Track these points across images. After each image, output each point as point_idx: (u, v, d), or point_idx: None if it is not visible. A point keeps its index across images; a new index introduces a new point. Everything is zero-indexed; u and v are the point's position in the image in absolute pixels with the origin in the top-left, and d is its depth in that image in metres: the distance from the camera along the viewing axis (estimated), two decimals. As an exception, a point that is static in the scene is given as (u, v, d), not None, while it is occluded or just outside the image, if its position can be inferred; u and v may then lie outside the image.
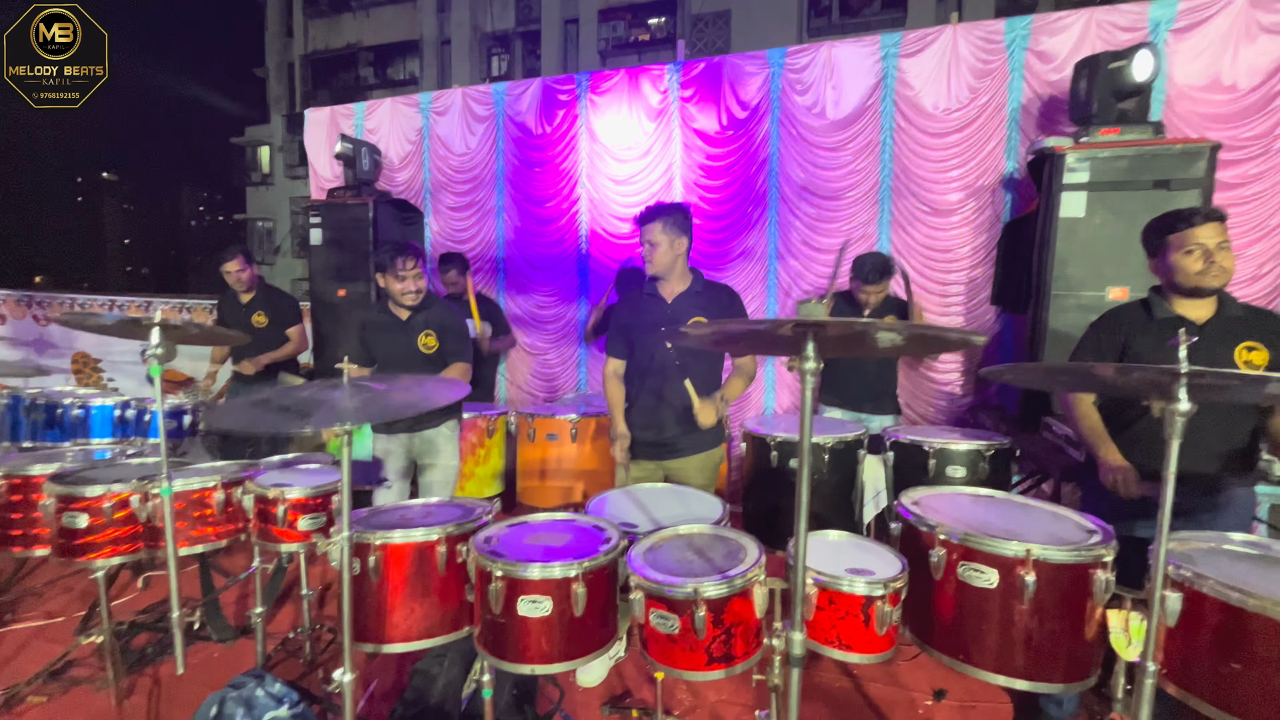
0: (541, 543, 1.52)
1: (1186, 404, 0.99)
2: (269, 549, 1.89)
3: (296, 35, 21.92)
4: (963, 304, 3.88)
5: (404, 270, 2.61)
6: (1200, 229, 1.87)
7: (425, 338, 2.68)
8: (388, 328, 2.71)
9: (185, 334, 1.60)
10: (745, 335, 1.13)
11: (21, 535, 2.04)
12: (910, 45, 3.85)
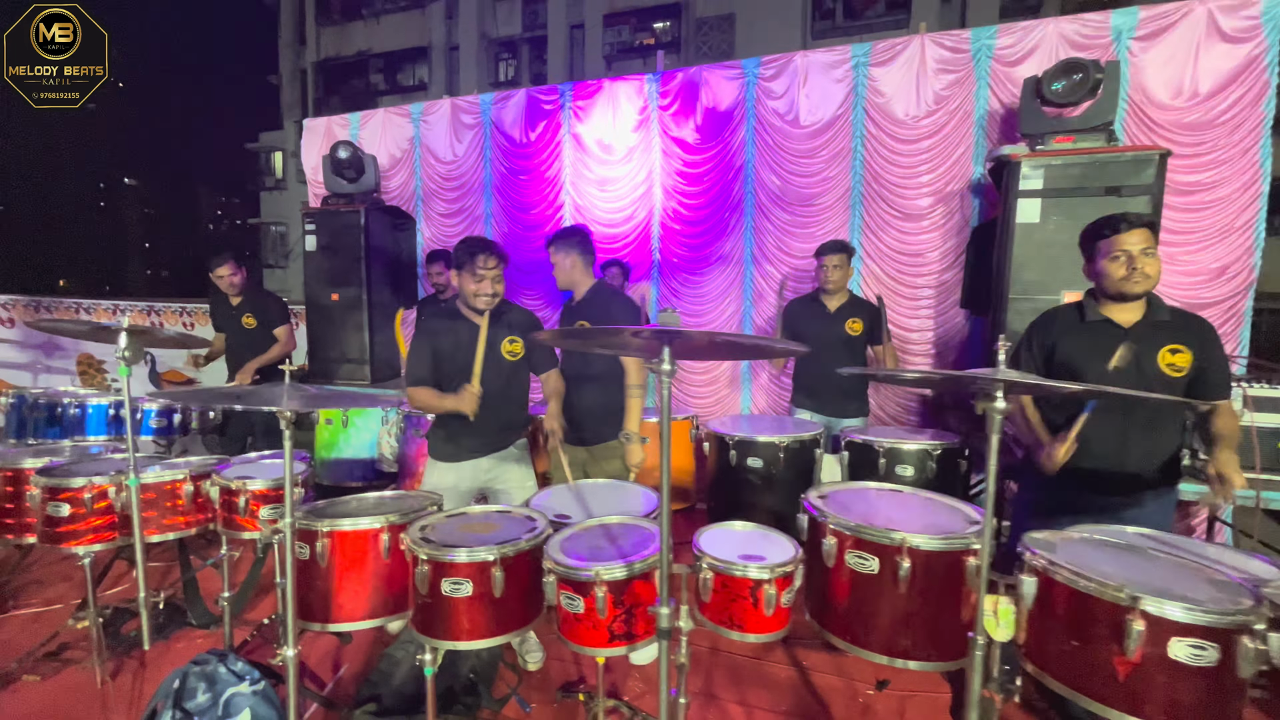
0: (473, 531, 1.65)
1: (1003, 404, 1.09)
2: (234, 537, 2.04)
3: (309, 43, 22.33)
4: (933, 307, 3.96)
5: (484, 269, 2.30)
6: (1126, 235, 1.93)
7: (510, 344, 2.42)
8: (466, 334, 2.37)
9: (153, 338, 1.75)
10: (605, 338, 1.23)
11: (14, 524, 2.21)
12: (880, 54, 3.94)
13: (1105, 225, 1.99)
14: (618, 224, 4.78)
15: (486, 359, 2.29)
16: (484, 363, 2.27)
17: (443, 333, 2.38)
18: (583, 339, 1.11)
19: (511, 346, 2.42)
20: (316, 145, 5.59)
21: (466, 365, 2.29)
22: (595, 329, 0.88)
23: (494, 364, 2.36)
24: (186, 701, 1.70)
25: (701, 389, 4.55)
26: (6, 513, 2.21)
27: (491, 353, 2.35)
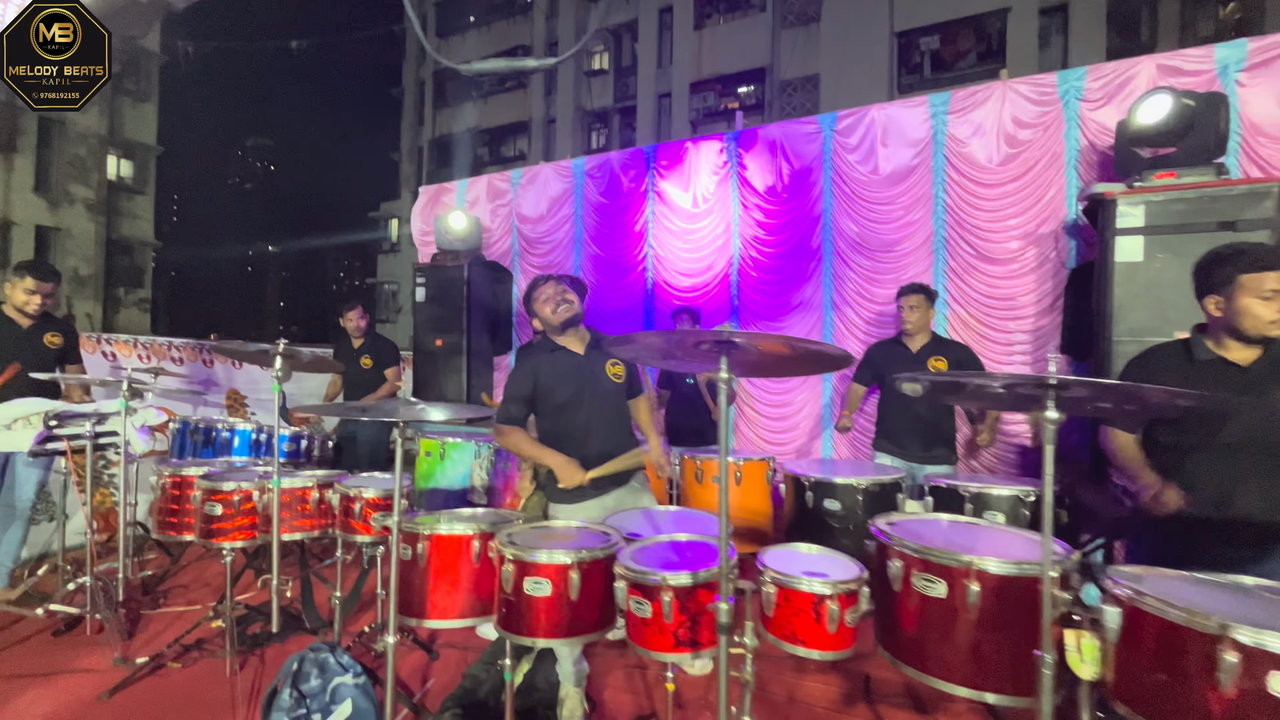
0: (553, 539, 1.79)
1: (1055, 414, 1.10)
2: (348, 540, 2.30)
3: (426, 123, 25.12)
4: (1029, 353, 3.79)
5: (543, 296, 2.31)
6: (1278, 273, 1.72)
7: (613, 366, 2.36)
8: (567, 363, 2.32)
9: (299, 361, 2.09)
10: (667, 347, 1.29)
11: (177, 522, 2.61)
12: (960, 103, 3.98)
13: (1254, 260, 1.75)
14: (697, 273, 4.98)
15: (596, 385, 2.27)
16: (591, 389, 2.27)
17: (543, 366, 2.33)
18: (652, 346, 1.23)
19: (615, 369, 2.36)
20: (428, 207, 6.30)
21: (575, 395, 2.27)
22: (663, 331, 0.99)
23: (602, 390, 2.31)
24: (302, 684, 1.91)
25: (780, 434, 4.54)
26: (172, 512, 2.62)
27: (598, 379, 2.31)
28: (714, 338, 1.12)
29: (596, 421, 2.29)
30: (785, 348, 1.21)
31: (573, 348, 2.36)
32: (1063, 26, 15.50)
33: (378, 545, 2.47)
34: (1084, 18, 15.19)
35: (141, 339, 4.73)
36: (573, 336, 2.37)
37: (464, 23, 24.38)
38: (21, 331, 3.30)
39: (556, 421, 2.30)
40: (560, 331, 2.35)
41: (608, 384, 2.34)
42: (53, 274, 3.38)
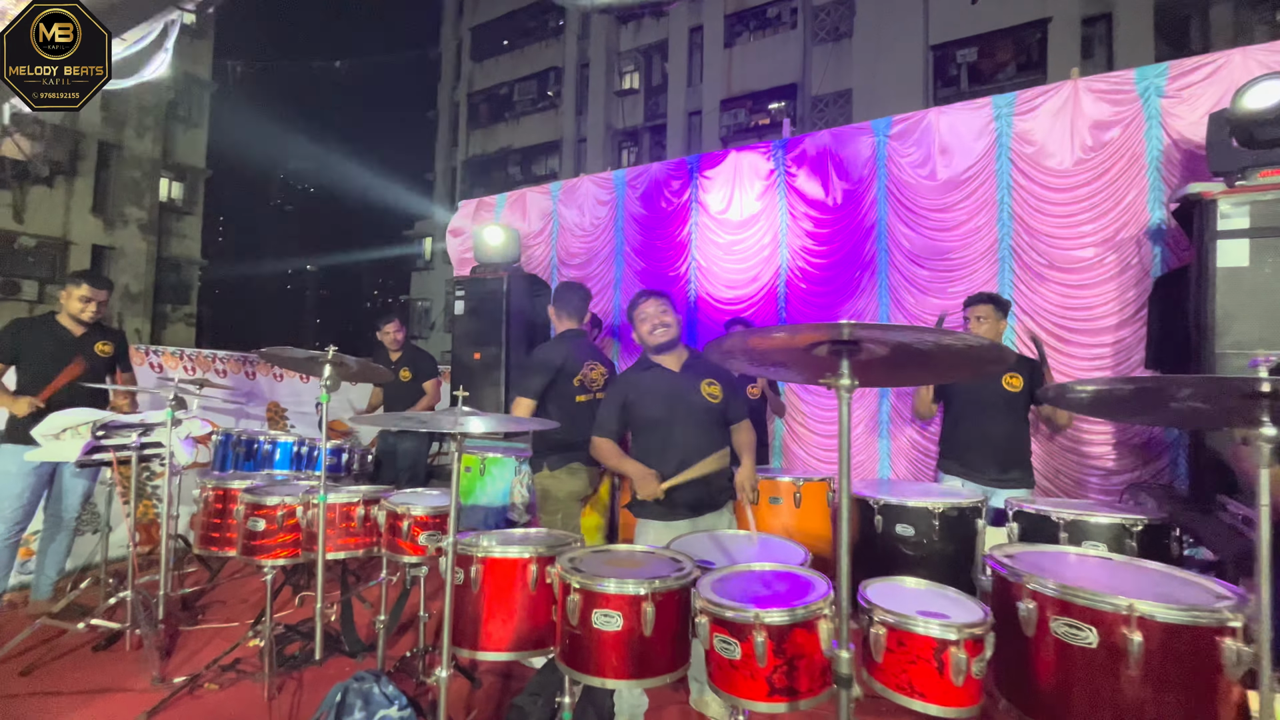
0: (620, 566, 1.62)
1: (1274, 430, 0.90)
2: (395, 560, 2.17)
3: (460, 143, 25.66)
4: (1110, 369, 3.51)
5: (642, 315, 2.32)
6: None
7: (709, 386, 2.31)
8: (659, 381, 2.31)
9: (347, 370, 1.99)
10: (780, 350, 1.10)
11: (219, 537, 2.53)
12: (1026, 104, 3.77)
13: None
14: (743, 284, 4.81)
15: (688, 404, 2.25)
16: (683, 408, 2.25)
17: (636, 382, 2.34)
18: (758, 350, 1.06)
19: (710, 389, 2.31)
20: (467, 221, 6.28)
21: (666, 413, 2.25)
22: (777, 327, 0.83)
23: (694, 410, 2.26)
24: (345, 716, 1.77)
25: (832, 451, 4.30)
26: (214, 526, 2.53)
27: (691, 398, 2.27)
28: (832, 336, 0.95)
29: (686, 441, 2.23)
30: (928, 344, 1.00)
31: (668, 365, 2.37)
32: (1107, 36, 15.08)
33: (422, 566, 2.34)
34: (1130, 26, 14.76)
35: (188, 351, 4.76)
36: (669, 354, 2.37)
37: (498, 46, 24.97)
38: (74, 339, 3.31)
39: (647, 438, 2.31)
40: (655, 351, 2.37)
41: (700, 403, 2.30)
42: (106, 283, 3.42)
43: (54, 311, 3.38)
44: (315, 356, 1.86)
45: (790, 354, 1.06)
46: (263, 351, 1.88)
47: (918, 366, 1.12)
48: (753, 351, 1.10)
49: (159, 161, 17.76)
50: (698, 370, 2.36)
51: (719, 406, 2.33)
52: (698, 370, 2.36)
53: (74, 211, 16.03)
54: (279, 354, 1.93)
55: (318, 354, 1.84)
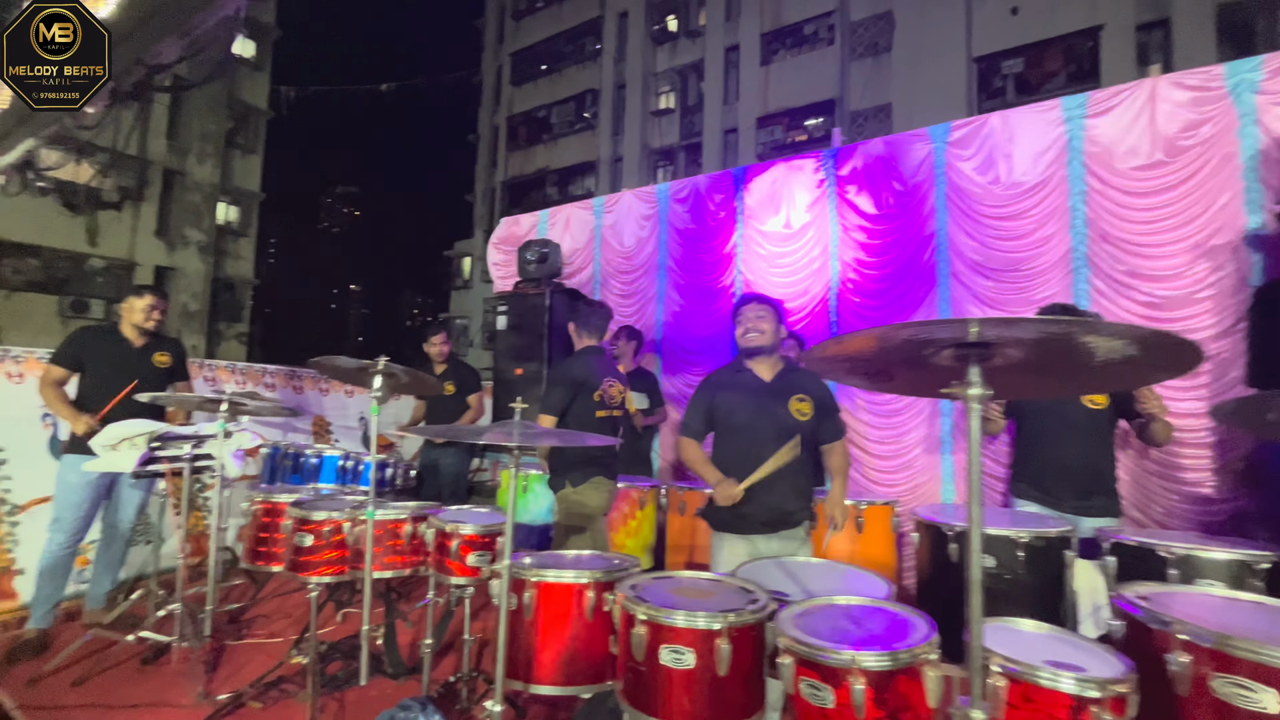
0: (685, 596, 1.49)
1: None
2: (443, 581, 2.08)
3: (499, 165, 26.26)
4: (1207, 386, 3.21)
5: (740, 316, 2.27)
6: None
7: (799, 403, 2.21)
8: (747, 387, 2.23)
9: (398, 381, 1.93)
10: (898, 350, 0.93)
11: (266, 552, 2.49)
12: (1099, 104, 3.55)
13: None
14: (791, 298, 4.65)
15: (773, 417, 2.15)
16: (768, 420, 2.15)
17: (724, 384, 2.30)
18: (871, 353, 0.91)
19: (800, 405, 2.20)
20: (508, 238, 6.30)
21: (749, 422, 2.17)
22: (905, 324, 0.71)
23: (779, 424, 2.15)
24: (391, 748, 1.67)
25: (893, 474, 4.07)
26: (262, 540, 2.50)
27: (777, 411, 2.16)
28: (957, 337, 0.81)
29: (763, 455, 2.11)
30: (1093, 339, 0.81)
31: (759, 372, 2.30)
32: (1164, 42, 14.50)
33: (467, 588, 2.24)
34: (1189, 31, 14.16)
35: (239, 365, 4.86)
36: (763, 362, 2.30)
37: (536, 71, 25.58)
38: (134, 350, 3.38)
39: (728, 445, 2.24)
40: (747, 355, 2.32)
41: (786, 420, 2.19)
42: (165, 293, 3.53)
43: (116, 322, 3.47)
44: (366, 367, 1.80)
45: (899, 362, 0.92)
46: (313, 361, 1.84)
47: (1062, 373, 0.96)
48: (855, 360, 0.96)
49: (217, 186, 18.67)
50: (790, 384, 2.25)
51: (807, 425, 2.20)
52: (790, 384, 2.25)
53: (140, 234, 16.94)
54: (329, 364, 1.88)
55: (368, 364, 1.79)
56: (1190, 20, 14.10)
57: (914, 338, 0.83)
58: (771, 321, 2.26)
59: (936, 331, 0.83)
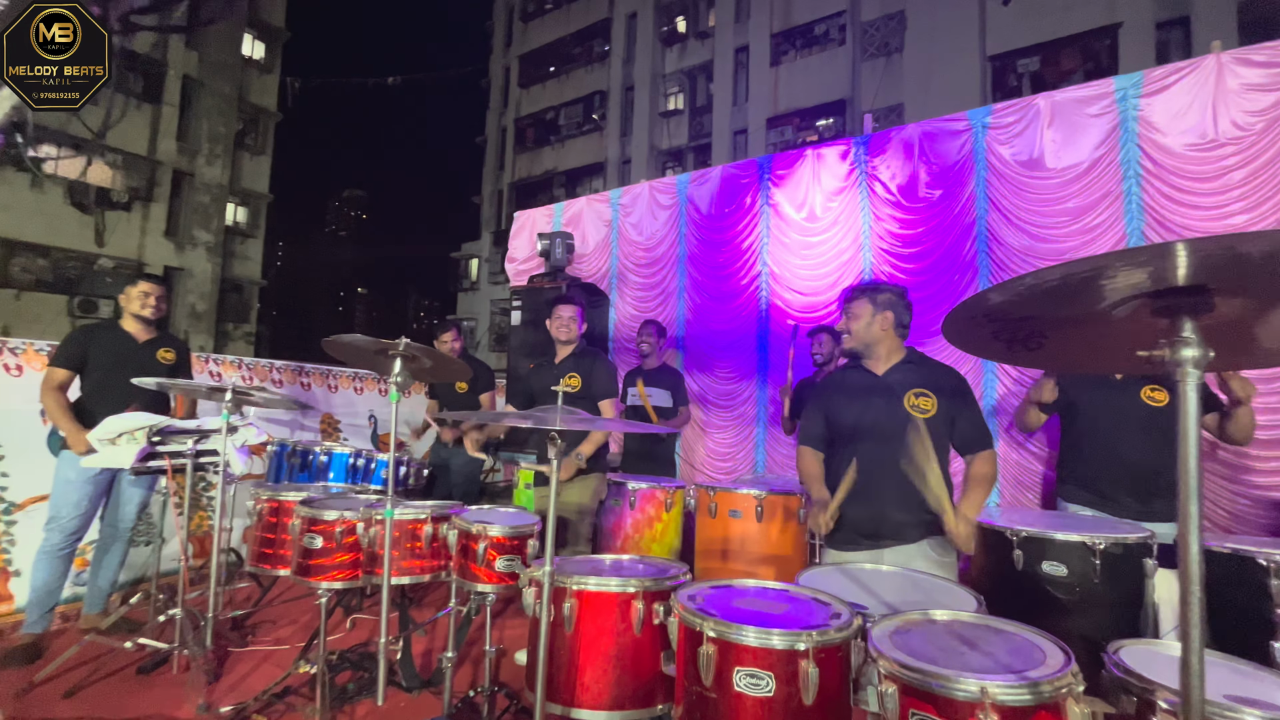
0: (754, 608, 1.29)
1: None
2: (467, 587, 1.88)
3: (506, 167, 26.19)
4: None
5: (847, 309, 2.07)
6: None
7: (917, 398, 2.00)
8: (856, 384, 2.04)
9: (419, 366, 1.74)
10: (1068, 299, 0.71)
11: (272, 554, 2.30)
12: (1156, 82, 3.35)
13: None
14: (819, 291, 4.46)
15: (886, 415, 1.90)
16: (879, 419, 1.91)
17: (833, 383, 2.11)
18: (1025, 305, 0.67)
19: (919, 401, 1.91)
20: (524, 232, 6.14)
21: (856, 422, 1.93)
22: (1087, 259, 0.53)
23: (893, 422, 1.88)
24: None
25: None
26: (268, 542, 2.31)
27: (892, 408, 1.90)
28: (1157, 273, 0.61)
29: (872, 461, 1.86)
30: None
31: (871, 366, 2.03)
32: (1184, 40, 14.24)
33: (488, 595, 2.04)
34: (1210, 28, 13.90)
35: (246, 360, 4.69)
36: (876, 355, 2.03)
37: (545, 73, 25.55)
38: (136, 346, 3.22)
39: (833, 454, 2.00)
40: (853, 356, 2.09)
41: (902, 417, 1.89)
42: (162, 280, 3.38)
43: (118, 316, 3.31)
44: (385, 348, 1.61)
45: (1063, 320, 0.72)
46: (328, 341, 1.66)
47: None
48: (1002, 319, 0.76)
49: (226, 187, 18.64)
50: (908, 376, 1.96)
51: (928, 423, 1.86)
52: (908, 376, 1.96)
53: (149, 235, 16.90)
54: (345, 344, 1.69)
55: (387, 344, 1.60)
56: (1211, 16, 13.87)
57: (1098, 276, 0.63)
58: (865, 317, 1.99)
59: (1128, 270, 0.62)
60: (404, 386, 1.62)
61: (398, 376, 1.61)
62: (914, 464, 1.64)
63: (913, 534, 1.90)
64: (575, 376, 3.00)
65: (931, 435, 1.84)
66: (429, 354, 1.68)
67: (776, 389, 4.32)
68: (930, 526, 1.91)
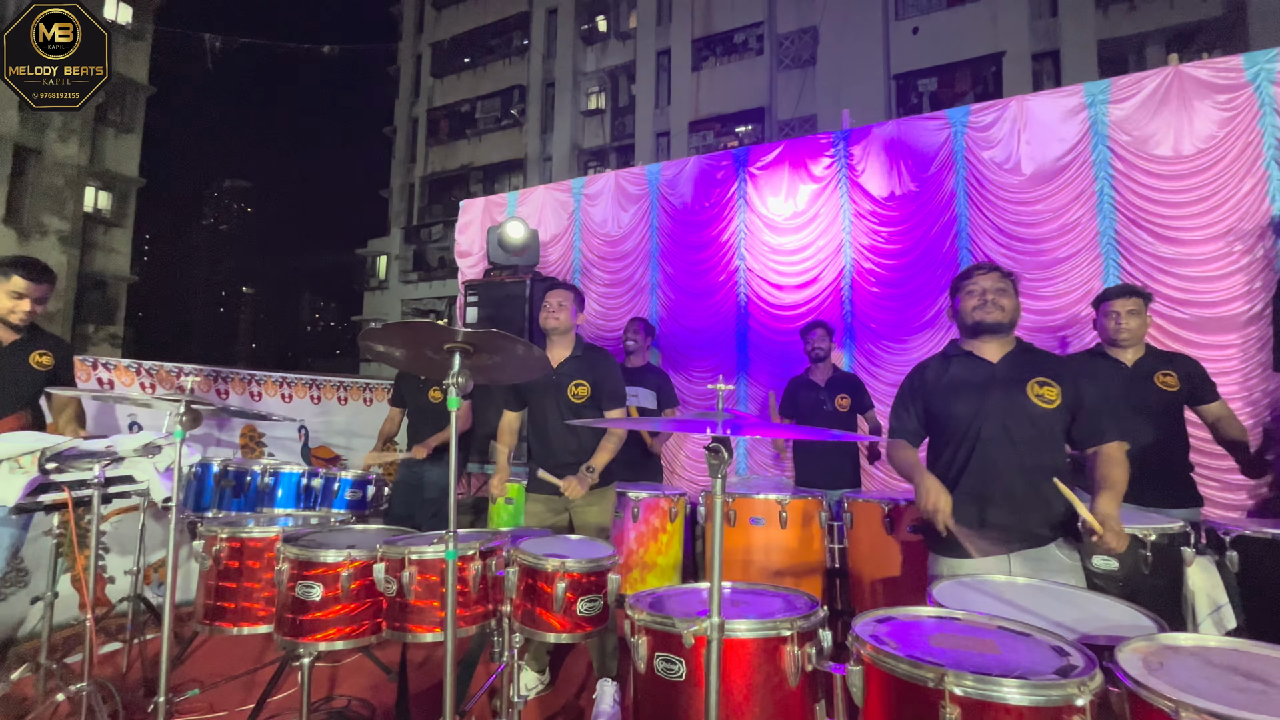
0: (963, 648, 1.06)
1: None
2: (536, 638, 1.50)
3: (418, 160, 24.78)
4: (1239, 370, 3.21)
5: (967, 288, 1.85)
6: None
7: (1040, 387, 1.77)
8: (968, 373, 1.84)
9: (484, 362, 1.35)
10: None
11: (233, 609, 1.79)
12: (1123, 90, 3.53)
13: None
14: (799, 287, 4.38)
15: (1006, 406, 1.71)
16: (997, 410, 1.71)
17: (937, 372, 1.87)
18: None
19: (1043, 390, 1.71)
20: (474, 223, 5.65)
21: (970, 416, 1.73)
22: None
23: (1015, 414, 1.71)
24: None
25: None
26: (225, 594, 1.79)
27: (1012, 399, 1.72)
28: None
29: (995, 458, 1.70)
30: None
31: (984, 354, 1.83)
32: (1054, 72, 15.95)
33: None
34: (1076, 62, 15.70)
35: (146, 364, 3.90)
36: (990, 341, 1.83)
37: (459, 63, 24.47)
38: (3, 349, 2.50)
39: (943, 449, 1.81)
40: (973, 334, 1.84)
41: (1027, 409, 1.72)
42: (46, 273, 2.58)
43: (-26, 309, 2.56)
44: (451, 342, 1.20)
45: None
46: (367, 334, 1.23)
47: None
48: None
49: (84, 168, 16.15)
50: (1027, 364, 1.79)
51: (1053, 414, 1.72)
52: (1027, 364, 1.79)
53: (-18, 219, 14.29)
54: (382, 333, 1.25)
55: (451, 333, 1.19)
56: (1076, 52, 15.65)
57: None
58: (1014, 296, 1.81)
59: None
60: (464, 390, 1.25)
61: (457, 376, 1.23)
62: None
63: (1045, 535, 1.75)
64: (583, 384, 2.63)
65: (1053, 428, 1.72)
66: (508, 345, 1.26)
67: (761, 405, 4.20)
68: (1061, 527, 1.78)
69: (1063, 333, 3.63)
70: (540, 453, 2.68)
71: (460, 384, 1.22)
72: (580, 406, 2.61)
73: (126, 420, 3.71)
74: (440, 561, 1.49)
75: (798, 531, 2.86)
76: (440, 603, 1.47)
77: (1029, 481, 1.71)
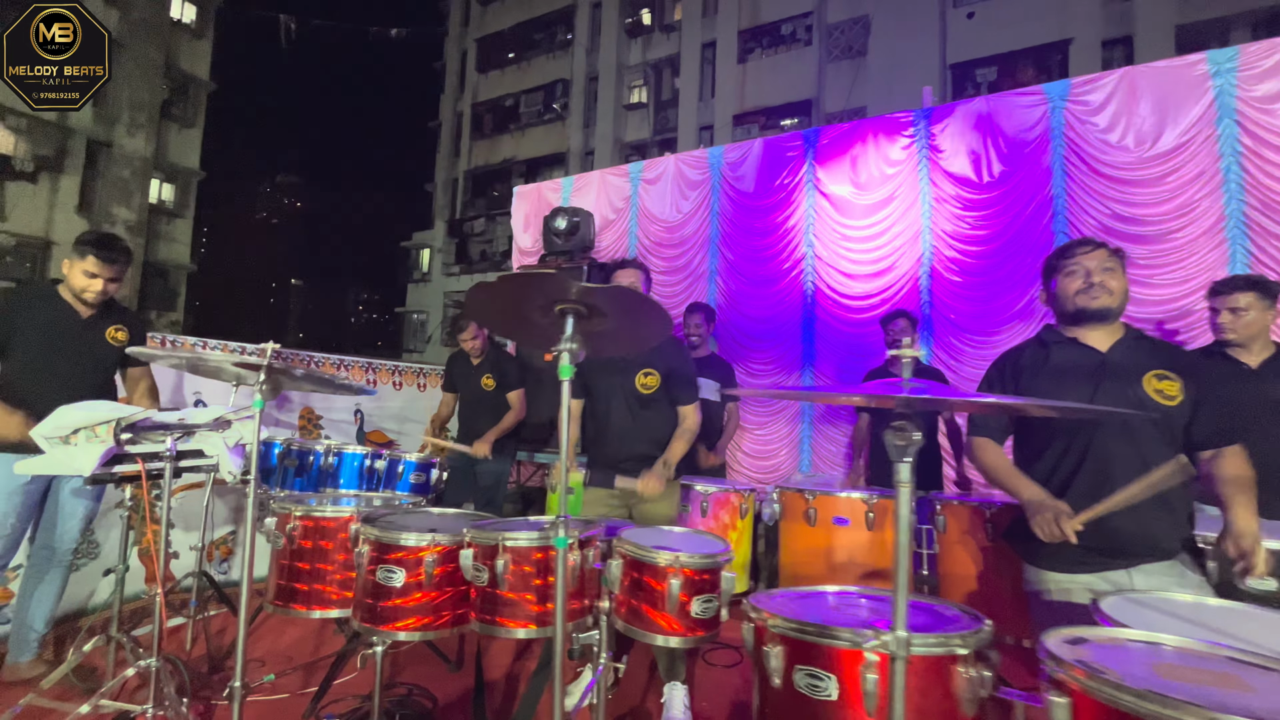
0: (1198, 682, 0.86)
1: None
2: (642, 638, 1.34)
3: (462, 154, 25.07)
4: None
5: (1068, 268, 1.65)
6: None
7: (1158, 380, 1.58)
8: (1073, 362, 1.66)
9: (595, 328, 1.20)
10: None
11: (305, 591, 1.70)
12: (1256, 58, 3.17)
13: None
14: (872, 276, 4.13)
15: (1119, 400, 1.51)
16: (1121, 405, 1.50)
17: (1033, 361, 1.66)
18: None
19: (1163, 385, 1.52)
20: (528, 210, 5.56)
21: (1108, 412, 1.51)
22: None
23: (1139, 410, 1.52)
24: None
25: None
26: (298, 574, 1.71)
27: (1125, 392, 1.53)
28: None
29: (1106, 456, 1.50)
30: None
31: (1091, 342, 1.60)
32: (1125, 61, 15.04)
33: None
34: (1151, 48, 14.75)
35: (210, 343, 3.93)
36: (1100, 327, 1.60)
37: (504, 58, 24.64)
38: (80, 322, 2.49)
39: (1045, 447, 1.58)
40: (1075, 321, 1.61)
41: (1147, 404, 1.51)
42: (123, 253, 2.56)
43: (58, 281, 2.56)
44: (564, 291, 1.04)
45: None
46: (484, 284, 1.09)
47: None
48: None
49: (150, 160, 16.84)
50: (1144, 354, 1.58)
51: (1175, 412, 1.50)
52: (1144, 354, 1.58)
53: (59, 210, 15.03)
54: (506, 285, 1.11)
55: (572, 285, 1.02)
56: (1151, 37, 14.69)
57: None
58: (1123, 276, 1.59)
59: None
60: (575, 357, 1.09)
61: (570, 342, 1.08)
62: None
63: (1173, 549, 1.53)
64: (653, 373, 2.41)
65: (1174, 427, 1.48)
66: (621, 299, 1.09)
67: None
68: (1186, 539, 1.56)
69: (1171, 325, 3.30)
70: (598, 445, 2.45)
71: (573, 350, 1.07)
72: (648, 398, 2.38)
73: (192, 398, 3.74)
74: (534, 551, 1.34)
75: (888, 534, 2.65)
76: (535, 596, 1.32)
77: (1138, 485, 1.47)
